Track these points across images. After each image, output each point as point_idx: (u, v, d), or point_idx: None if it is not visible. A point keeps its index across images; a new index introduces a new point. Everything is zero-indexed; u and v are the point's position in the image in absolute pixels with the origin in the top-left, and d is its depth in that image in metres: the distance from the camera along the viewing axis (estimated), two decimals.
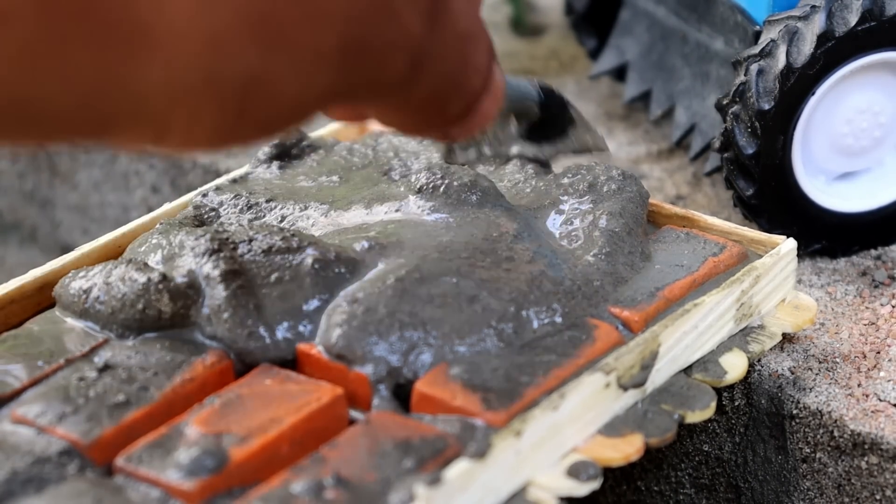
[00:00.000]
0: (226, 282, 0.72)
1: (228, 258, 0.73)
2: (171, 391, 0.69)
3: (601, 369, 0.70)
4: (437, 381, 0.69)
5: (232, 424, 0.67)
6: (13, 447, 0.67)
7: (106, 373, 0.70)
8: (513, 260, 0.75)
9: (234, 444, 0.66)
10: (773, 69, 0.84)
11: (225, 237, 0.75)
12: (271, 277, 0.73)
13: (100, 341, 0.72)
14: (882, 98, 0.88)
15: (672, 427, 0.72)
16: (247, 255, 0.74)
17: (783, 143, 0.86)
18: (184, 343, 0.72)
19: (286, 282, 0.73)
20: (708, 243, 0.81)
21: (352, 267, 0.74)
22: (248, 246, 0.74)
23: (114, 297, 0.73)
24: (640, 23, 1.03)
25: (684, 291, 0.77)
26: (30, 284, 0.78)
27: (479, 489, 0.65)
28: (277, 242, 0.74)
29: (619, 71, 1.07)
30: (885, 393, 0.79)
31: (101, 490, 0.65)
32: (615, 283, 0.76)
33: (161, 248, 0.76)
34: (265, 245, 0.74)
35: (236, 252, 0.74)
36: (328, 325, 0.71)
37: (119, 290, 0.73)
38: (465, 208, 0.78)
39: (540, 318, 0.73)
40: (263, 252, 0.74)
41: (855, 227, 0.90)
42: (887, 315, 0.84)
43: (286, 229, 0.76)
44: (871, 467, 0.77)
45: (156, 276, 0.72)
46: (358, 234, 0.76)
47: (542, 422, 0.67)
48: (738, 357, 0.77)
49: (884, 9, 0.84)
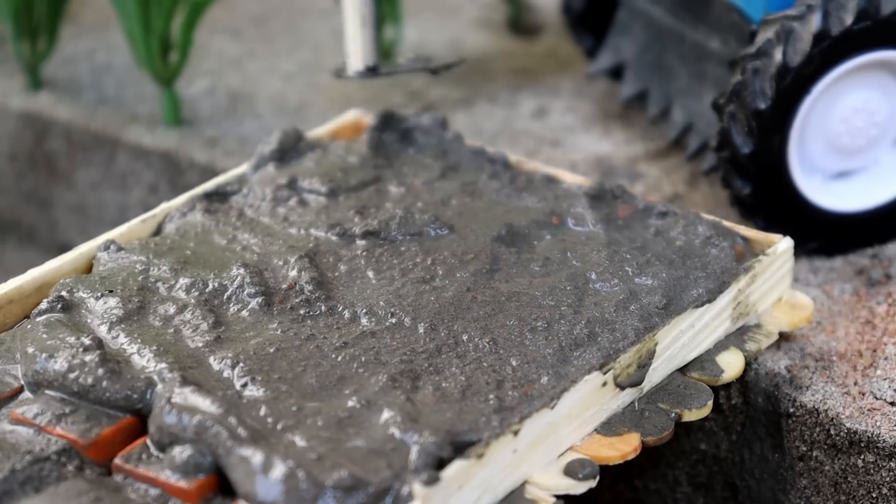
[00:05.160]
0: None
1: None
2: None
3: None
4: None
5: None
6: (12, 447, 0.67)
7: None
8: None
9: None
10: (769, 69, 0.84)
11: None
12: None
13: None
14: (878, 97, 0.88)
15: (669, 426, 0.72)
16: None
17: (779, 142, 0.86)
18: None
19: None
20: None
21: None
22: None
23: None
24: (636, 22, 1.04)
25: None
26: (28, 284, 0.78)
27: (477, 487, 0.65)
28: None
29: (616, 70, 1.07)
30: (882, 391, 0.79)
31: (100, 489, 0.65)
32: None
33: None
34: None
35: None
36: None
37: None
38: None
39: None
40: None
41: (851, 226, 0.90)
42: (883, 314, 0.85)
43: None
44: (867, 465, 0.78)
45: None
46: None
47: (540, 420, 0.67)
48: (735, 356, 0.77)
49: (879, 8, 0.84)
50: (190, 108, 1.13)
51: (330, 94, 1.14)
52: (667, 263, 0.78)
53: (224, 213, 0.84)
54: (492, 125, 1.08)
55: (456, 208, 0.84)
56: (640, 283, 0.77)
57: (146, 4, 1.05)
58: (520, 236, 0.81)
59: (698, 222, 0.82)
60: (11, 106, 1.17)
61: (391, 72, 0.87)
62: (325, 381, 0.70)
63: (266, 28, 1.28)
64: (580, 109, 1.10)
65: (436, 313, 0.74)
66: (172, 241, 0.81)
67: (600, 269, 0.77)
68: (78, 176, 1.16)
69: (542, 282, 0.77)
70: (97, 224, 1.16)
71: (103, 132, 1.12)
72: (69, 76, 1.20)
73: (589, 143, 1.05)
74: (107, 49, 1.24)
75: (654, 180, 1.00)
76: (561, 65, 1.18)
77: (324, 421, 0.67)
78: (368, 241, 0.81)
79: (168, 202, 0.86)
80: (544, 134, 1.07)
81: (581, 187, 0.86)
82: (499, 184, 0.86)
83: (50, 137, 1.16)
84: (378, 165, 0.89)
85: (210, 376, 0.70)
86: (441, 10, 1.29)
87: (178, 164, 1.08)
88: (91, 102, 1.16)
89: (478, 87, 1.15)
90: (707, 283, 0.77)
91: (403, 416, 0.66)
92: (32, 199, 1.21)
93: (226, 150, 1.07)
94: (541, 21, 1.26)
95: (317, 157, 0.89)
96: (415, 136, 0.91)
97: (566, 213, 0.83)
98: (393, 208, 0.83)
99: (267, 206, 0.85)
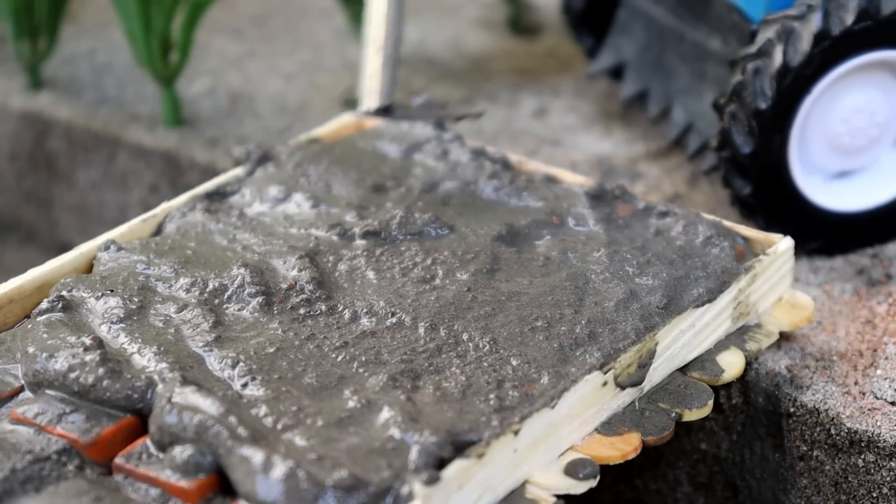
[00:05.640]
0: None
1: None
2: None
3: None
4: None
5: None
6: (13, 446, 0.67)
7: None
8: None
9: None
10: (769, 68, 0.84)
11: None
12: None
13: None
14: (878, 97, 0.88)
15: (669, 425, 0.72)
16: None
17: (780, 142, 0.86)
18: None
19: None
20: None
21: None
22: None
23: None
24: (637, 22, 1.04)
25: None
26: (29, 284, 0.78)
27: (477, 487, 0.65)
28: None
29: (617, 70, 1.07)
30: (882, 391, 0.79)
31: (101, 489, 0.65)
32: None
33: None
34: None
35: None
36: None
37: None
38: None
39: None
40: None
41: (851, 226, 0.90)
42: (884, 313, 0.85)
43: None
44: (867, 465, 0.78)
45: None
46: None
47: (540, 420, 0.67)
48: (736, 355, 0.77)
49: (879, 8, 0.84)
50: (190, 108, 1.13)
51: (330, 94, 1.14)
52: (667, 263, 0.78)
53: (224, 213, 0.84)
54: (492, 125, 1.08)
55: (456, 208, 0.84)
56: (641, 283, 0.77)
57: (147, 4, 1.05)
58: (520, 236, 0.81)
59: (699, 222, 0.82)
60: (12, 106, 1.17)
61: (405, 116, 0.84)
62: (326, 380, 0.70)
63: (266, 28, 1.28)
64: (581, 109, 1.10)
65: (436, 313, 0.74)
66: (173, 240, 0.81)
67: (601, 268, 0.77)
68: (78, 176, 1.16)
69: (542, 281, 0.77)
70: (97, 224, 1.16)
71: (104, 132, 1.12)
72: (69, 76, 1.20)
73: (589, 143, 1.05)
74: (107, 49, 1.24)
75: (655, 180, 1.00)
76: (561, 65, 1.18)
77: (324, 420, 0.67)
78: (369, 240, 0.81)
79: (168, 202, 0.86)
80: (545, 134, 1.07)
81: (581, 187, 0.86)
82: (499, 184, 0.86)
83: (50, 137, 1.16)
84: (379, 165, 0.89)
85: (210, 376, 0.70)
86: (441, 9, 1.29)
87: (178, 164, 1.08)
88: (91, 102, 1.16)
89: (478, 86, 1.15)
90: (707, 282, 0.77)
91: (404, 415, 0.66)
92: (33, 198, 1.21)
93: (226, 149, 1.07)
94: (541, 21, 1.26)
95: (317, 156, 0.89)
96: (416, 138, 0.91)
97: (567, 213, 0.83)
98: (393, 208, 0.84)
99: (267, 205, 0.85)
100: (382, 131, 0.92)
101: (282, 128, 1.10)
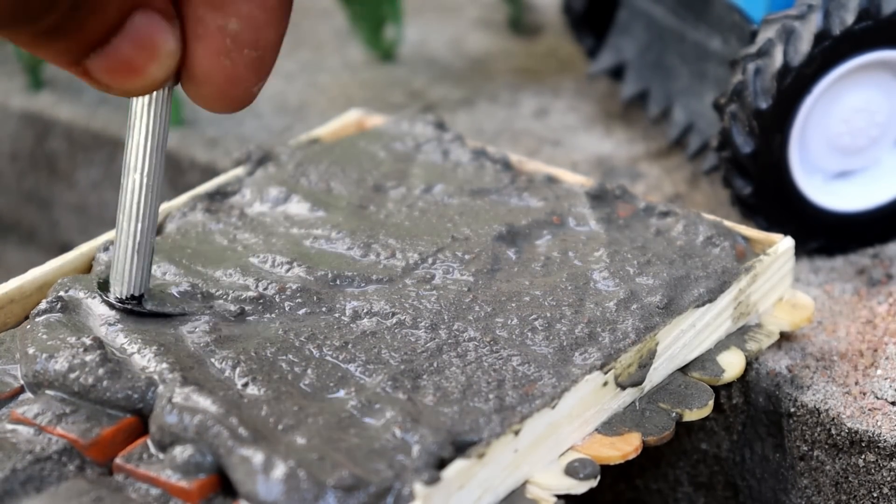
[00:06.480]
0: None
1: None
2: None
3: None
4: None
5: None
6: (13, 446, 0.67)
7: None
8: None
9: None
10: (770, 68, 0.84)
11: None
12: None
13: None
14: (879, 97, 0.88)
15: (670, 425, 0.72)
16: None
17: (780, 142, 0.86)
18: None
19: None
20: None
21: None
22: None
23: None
24: (637, 22, 1.04)
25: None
26: (29, 284, 0.78)
27: (478, 487, 0.65)
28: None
29: (617, 70, 1.07)
30: (882, 391, 0.79)
31: (101, 489, 0.65)
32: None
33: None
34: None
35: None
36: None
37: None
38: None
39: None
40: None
41: (852, 226, 0.90)
42: (884, 313, 0.85)
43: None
44: (868, 465, 0.78)
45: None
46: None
47: (540, 420, 0.67)
48: (736, 355, 0.77)
49: (880, 8, 0.84)
50: (191, 108, 1.13)
51: (330, 94, 1.14)
52: (668, 263, 0.78)
53: (225, 213, 0.84)
54: (492, 125, 1.08)
55: (457, 208, 0.84)
56: (641, 283, 0.77)
57: None
58: (521, 236, 0.81)
59: (699, 222, 0.82)
60: (12, 106, 1.17)
61: (157, 312, 0.77)
62: (326, 380, 0.70)
63: None
64: (581, 109, 1.10)
65: (436, 313, 0.74)
66: (173, 240, 0.81)
67: (601, 268, 0.77)
68: (79, 176, 1.16)
69: (542, 281, 0.77)
70: (98, 224, 1.16)
71: (104, 132, 1.12)
72: (70, 76, 1.20)
73: (590, 143, 1.05)
74: None
75: (655, 180, 1.00)
76: (562, 65, 1.18)
77: (324, 421, 0.67)
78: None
79: (169, 202, 0.86)
80: (545, 134, 1.07)
81: (582, 187, 0.86)
82: (499, 183, 0.86)
83: (51, 137, 1.16)
84: (380, 165, 0.89)
85: (211, 376, 0.70)
86: (441, 9, 1.29)
87: (178, 164, 1.08)
88: (92, 102, 1.16)
89: (478, 86, 1.15)
90: (708, 282, 0.77)
91: (404, 415, 0.66)
92: (33, 198, 1.21)
93: (226, 150, 1.07)
94: (541, 21, 1.26)
95: (317, 156, 0.89)
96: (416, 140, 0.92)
97: (567, 213, 0.83)
98: (393, 208, 0.84)
99: (268, 205, 0.85)
100: (383, 131, 0.92)
101: (282, 128, 1.10)
